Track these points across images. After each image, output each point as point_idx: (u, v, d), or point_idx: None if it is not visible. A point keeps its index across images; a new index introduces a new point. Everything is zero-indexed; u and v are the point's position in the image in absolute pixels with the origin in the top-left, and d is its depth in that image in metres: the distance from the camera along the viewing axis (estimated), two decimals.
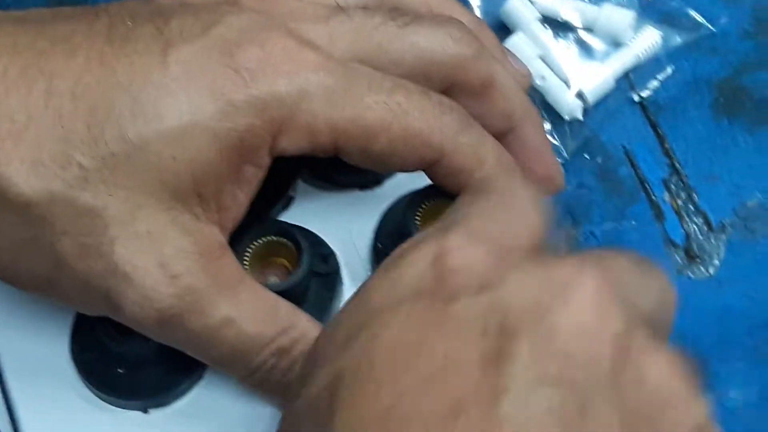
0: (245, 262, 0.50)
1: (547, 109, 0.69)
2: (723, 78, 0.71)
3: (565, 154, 0.68)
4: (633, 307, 0.38)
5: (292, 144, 0.47)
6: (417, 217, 0.50)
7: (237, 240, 0.50)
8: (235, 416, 0.51)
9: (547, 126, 0.69)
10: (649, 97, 0.71)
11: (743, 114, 0.70)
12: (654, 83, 0.71)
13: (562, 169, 0.56)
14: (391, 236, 0.52)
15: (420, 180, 0.51)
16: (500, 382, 0.34)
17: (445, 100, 0.49)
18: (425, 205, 0.50)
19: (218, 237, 0.47)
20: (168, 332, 0.46)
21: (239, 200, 0.47)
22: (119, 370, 0.50)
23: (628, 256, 0.40)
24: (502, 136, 0.52)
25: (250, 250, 0.50)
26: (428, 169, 0.49)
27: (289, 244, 0.50)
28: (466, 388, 0.34)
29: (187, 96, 0.45)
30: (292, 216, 0.53)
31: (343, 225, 0.53)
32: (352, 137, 0.47)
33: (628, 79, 0.71)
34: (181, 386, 0.50)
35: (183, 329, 0.46)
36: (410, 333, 0.36)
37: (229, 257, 0.47)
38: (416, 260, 0.38)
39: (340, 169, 0.53)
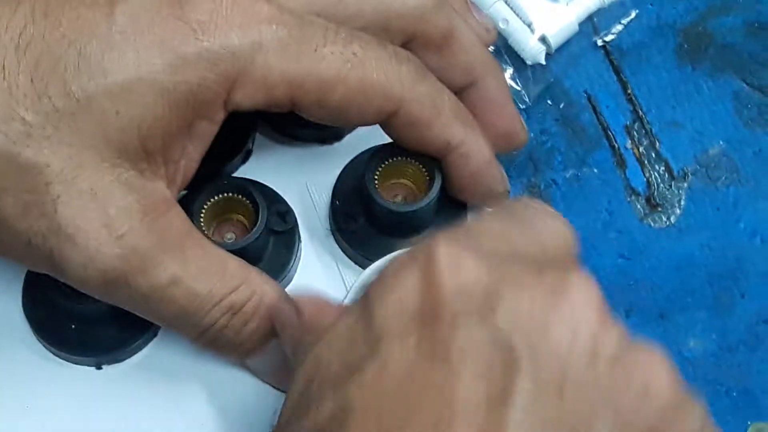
0: (201, 220, 0.48)
1: (509, 53, 0.68)
2: (688, 23, 0.70)
3: (527, 100, 0.67)
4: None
5: (247, 98, 0.45)
6: (375, 176, 0.49)
7: (193, 197, 0.49)
8: (189, 374, 0.50)
9: (510, 71, 0.67)
10: (612, 41, 0.69)
11: (707, 60, 0.69)
12: (618, 27, 0.70)
13: (524, 124, 0.55)
14: (349, 194, 0.50)
15: (380, 136, 0.50)
16: (505, 424, 0.34)
17: (401, 50, 0.48)
18: (385, 163, 0.49)
19: (163, 192, 0.45)
20: (114, 293, 0.45)
21: (190, 154, 0.46)
22: (72, 326, 0.49)
23: None
24: (463, 90, 0.51)
25: (206, 207, 0.49)
26: (386, 121, 0.48)
27: (246, 201, 0.49)
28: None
29: (135, 50, 0.44)
30: (249, 170, 0.52)
31: (302, 180, 0.52)
32: (309, 90, 0.46)
33: (592, 23, 0.70)
34: (135, 343, 0.49)
35: (129, 290, 0.44)
36: (416, 369, 0.35)
37: (176, 213, 0.46)
38: (409, 281, 0.37)
39: (299, 122, 0.52)
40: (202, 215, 0.48)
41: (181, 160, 0.46)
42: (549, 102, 0.68)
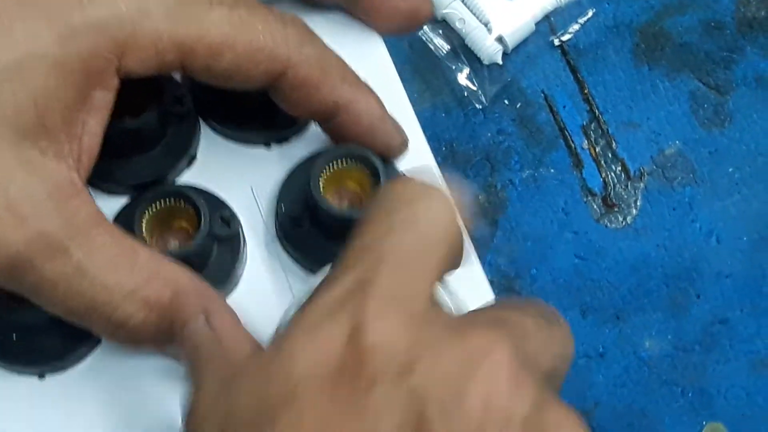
0: (143, 227, 0.46)
1: (466, 53, 0.66)
2: (644, 22, 0.68)
3: (483, 100, 0.65)
4: (539, 370, 0.37)
5: (138, 64, 0.44)
6: (321, 181, 0.46)
7: (134, 205, 0.46)
8: (132, 382, 0.47)
9: (466, 71, 0.65)
10: (569, 41, 0.67)
11: (663, 59, 0.67)
12: (575, 27, 0.67)
13: None
14: (294, 198, 0.48)
15: (327, 140, 0.48)
16: None
17: (286, 13, 0.46)
18: (330, 167, 0.47)
19: (69, 175, 0.43)
20: (19, 281, 0.42)
21: (91, 128, 0.44)
22: (13, 336, 0.46)
23: (535, 312, 0.39)
24: None
25: (147, 214, 0.46)
26: (274, 84, 0.46)
27: (188, 208, 0.46)
28: None
29: (23, 25, 0.41)
30: (194, 175, 0.49)
31: (247, 185, 0.49)
32: (198, 55, 0.44)
33: (549, 23, 0.67)
34: (77, 352, 0.47)
35: (34, 277, 0.41)
36: (330, 424, 0.34)
37: (84, 198, 0.43)
38: (334, 333, 0.35)
39: (245, 125, 0.49)
40: (143, 223, 0.46)
41: (84, 136, 0.43)
42: (506, 102, 0.65)
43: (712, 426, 0.60)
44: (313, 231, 0.47)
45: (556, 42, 0.67)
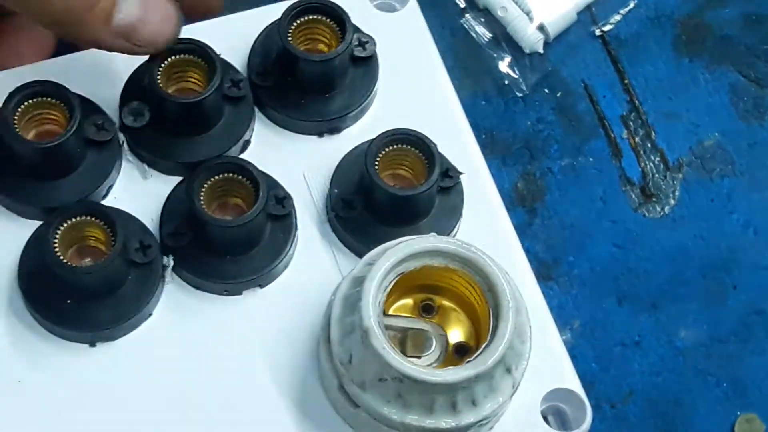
0: (202, 201, 0.47)
1: (507, 41, 0.66)
2: (686, 14, 0.68)
3: (524, 88, 0.65)
4: None
5: None
6: (376, 162, 0.47)
7: (193, 176, 0.47)
8: (181, 356, 0.48)
9: (508, 59, 0.66)
10: (610, 31, 0.68)
11: (704, 51, 0.67)
12: (616, 17, 0.68)
13: None
14: (348, 181, 0.49)
15: (378, 129, 0.49)
16: None
17: None
18: (385, 150, 0.48)
19: None
20: None
21: None
22: (68, 302, 0.47)
23: None
24: None
25: (206, 186, 0.47)
26: None
27: (246, 181, 0.47)
28: None
29: None
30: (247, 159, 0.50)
31: (299, 171, 0.50)
32: None
33: (591, 13, 0.68)
34: (129, 321, 0.48)
35: None
36: None
37: None
38: None
39: (299, 114, 0.50)
40: (201, 196, 0.47)
41: None
42: (546, 91, 0.66)
43: (746, 417, 0.60)
44: (365, 214, 0.48)
45: (598, 32, 0.67)
